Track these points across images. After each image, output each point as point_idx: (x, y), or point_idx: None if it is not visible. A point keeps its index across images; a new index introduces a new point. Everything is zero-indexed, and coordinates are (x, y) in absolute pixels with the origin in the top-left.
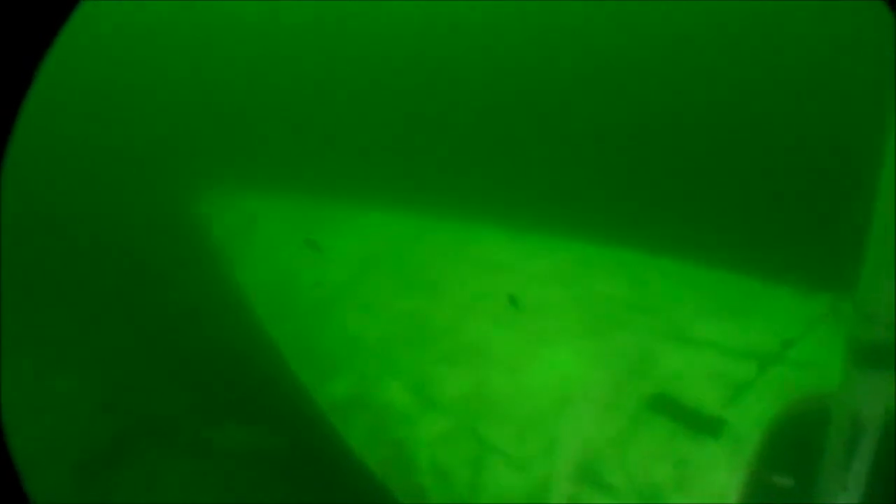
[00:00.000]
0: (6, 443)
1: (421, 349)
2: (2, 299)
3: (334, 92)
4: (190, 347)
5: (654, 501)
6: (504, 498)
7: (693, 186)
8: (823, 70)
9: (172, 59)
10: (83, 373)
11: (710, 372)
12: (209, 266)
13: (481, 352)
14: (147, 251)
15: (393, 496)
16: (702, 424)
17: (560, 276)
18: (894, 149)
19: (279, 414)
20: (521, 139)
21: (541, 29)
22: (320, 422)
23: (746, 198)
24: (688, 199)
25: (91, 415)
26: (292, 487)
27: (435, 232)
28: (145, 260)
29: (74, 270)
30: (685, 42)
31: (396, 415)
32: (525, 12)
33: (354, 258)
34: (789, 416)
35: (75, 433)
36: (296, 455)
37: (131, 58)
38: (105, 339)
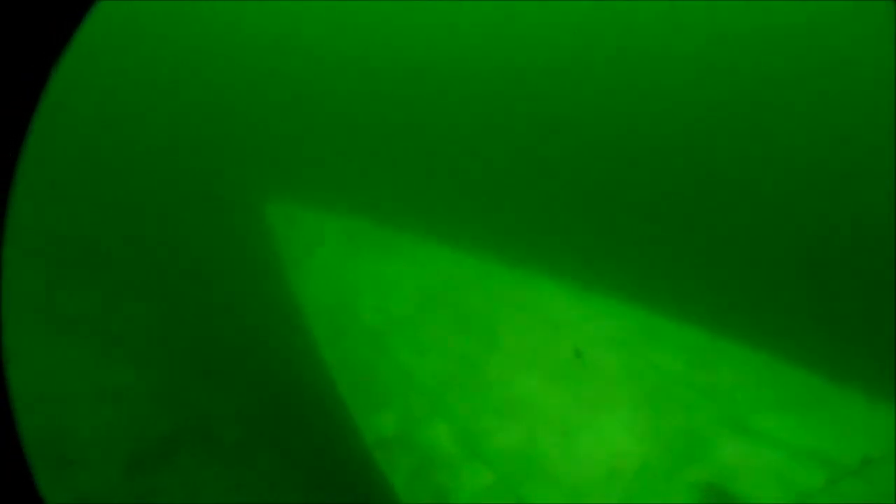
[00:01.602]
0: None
1: (472, 395)
2: (60, 293)
3: (410, 123)
4: (243, 357)
5: None
6: None
7: (774, 274)
8: None
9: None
10: (139, 368)
11: (770, 469)
12: (271, 282)
13: (532, 408)
14: (210, 261)
15: None
16: None
17: (621, 342)
18: None
19: (326, 441)
20: (599, 197)
21: (625, 77)
22: (365, 456)
23: (832, 297)
24: (765, 286)
25: (144, 411)
26: None
27: (499, 278)
28: (208, 268)
29: (135, 270)
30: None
31: (441, 459)
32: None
33: (416, 293)
34: None
35: (129, 428)
36: (340, 483)
37: (156, 62)
38: (162, 339)
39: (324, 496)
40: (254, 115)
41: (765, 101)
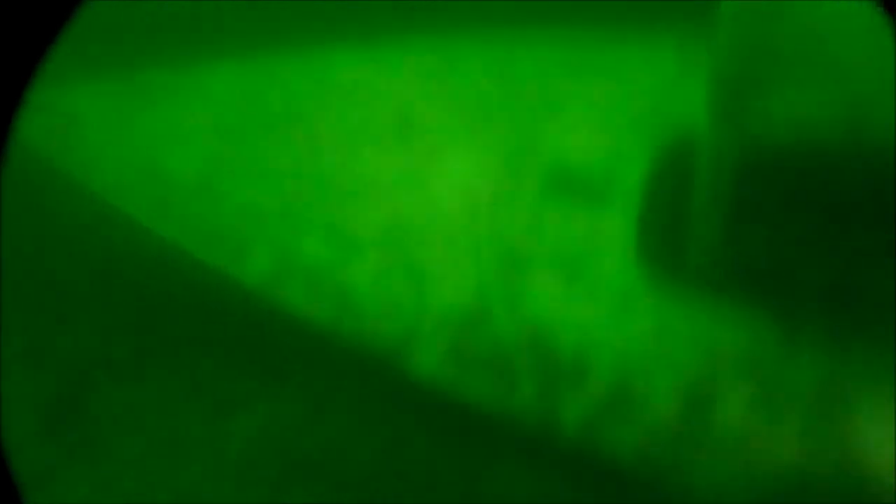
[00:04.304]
0: None
1: (322, 195)
2: None
3: None
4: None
5: (572, 269)
6: (448, 315)
7: None
8: None
9: None
10: None
11: (590, 136)
12: (74, 181)
13: (385, 181)
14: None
15: (344, 343)
16: (595, 188)
17: (429, 85)
18: None
19: (208, 301)
20: None
21: None
22: (255, 296)
23: None
24: None
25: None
26: (241, 353)
27: (291, 72)
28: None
29: None
30: None
31: (324, 266)
32: None
33: (214, 121)
34: (666, 168)
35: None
36: (235, 329)
37: None
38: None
39: (225, 346)
40: None
41: None
